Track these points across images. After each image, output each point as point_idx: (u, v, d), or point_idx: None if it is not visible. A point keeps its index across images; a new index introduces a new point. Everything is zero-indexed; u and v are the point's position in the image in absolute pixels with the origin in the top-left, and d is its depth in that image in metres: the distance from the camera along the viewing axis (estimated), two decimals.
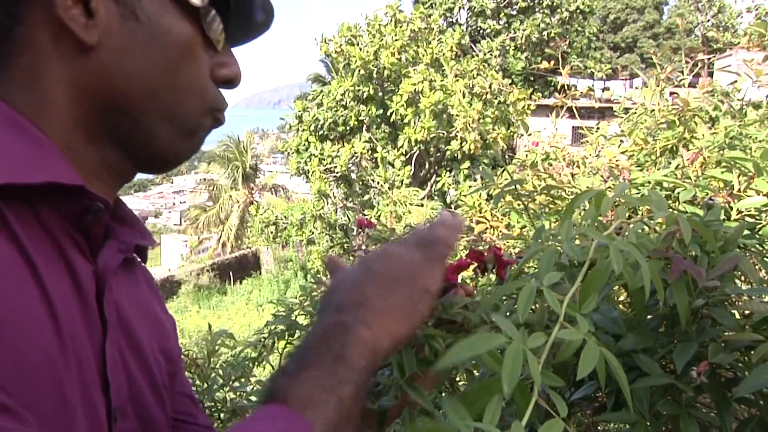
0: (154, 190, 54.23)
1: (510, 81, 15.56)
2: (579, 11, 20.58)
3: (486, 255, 0.66)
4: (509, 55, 20.50)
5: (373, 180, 13.98)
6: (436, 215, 0.59)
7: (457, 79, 11.87)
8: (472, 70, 13.20)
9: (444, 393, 1.02)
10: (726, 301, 0.70)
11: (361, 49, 13.87)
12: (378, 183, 13.45)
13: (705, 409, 0.71)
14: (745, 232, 0.79)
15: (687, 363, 0.63)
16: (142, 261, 0.61)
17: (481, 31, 21.12)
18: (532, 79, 21.16)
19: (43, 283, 0.42)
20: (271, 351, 1.50)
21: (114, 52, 0.48)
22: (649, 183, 1.25)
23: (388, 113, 13.74)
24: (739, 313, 0.72)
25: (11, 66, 0.47)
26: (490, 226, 1.91)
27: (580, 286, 0.53)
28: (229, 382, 1.47)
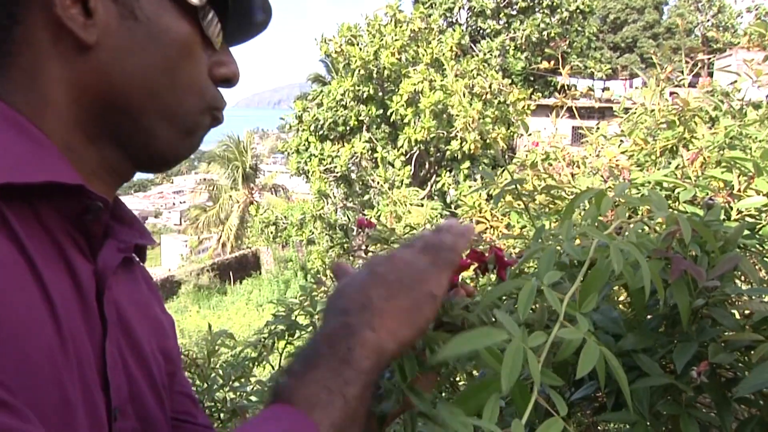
0: (154, 190, 54.21)
1: (510, 81, 15.56)
2: (579, 11, 20.58)
3: (486, 255, 0.66)
4: (509, 55, 20.50)
5: (373, 180, 13.98)
6: (444, 221, 0.59)
7: (457, 79, 11.86)
8: (472, 70, 13.20)
9: (444, 393, 1.02)
10: (726, 301, 0.70)
11: (361, 49, 13.87)
12: (378, 183, 13.45)
13: (705, 409, 0.71)
14: (745, 232, 0.79)
15: (687, 363, 0.63)
16: (140, 261, 0.61)
17: (481, 31, 21.11)
18: (532, 79, 21.16)
19: (43, 282, 0.42)
20: (271, 351, 1.50)
21: (113, 51, 0.48)
22: (649, 183, 1.25)
23: (388, 113, 13.73)
24: (739, 313, 0.72)
25: (11, 66, 0.48)
26: (490, 226, 1.91)
27: (580, 286, 0.53)
28: (229, 382, 1.47)
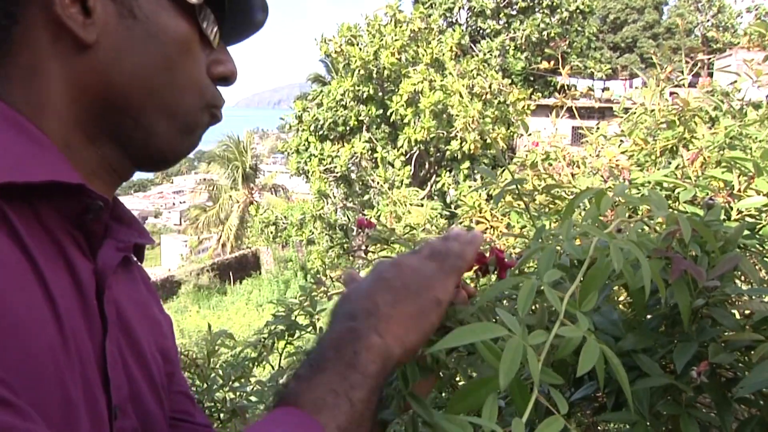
0: (154, 190, 54.21)
1: (510, 81, 15.56)
2: (579, 11, 20.57)
3: (487, 256, 0.66)
4: (509, 55, 20.49)
5: (373, 180, 13.97)
6: (452, 229, 0.60)
7: (458, 79, 11.86)
8: (472, 70, 13.19)
9: (444, 394, 1.02)
10: (726, 301, 0.70)
11: (361, 49, 13.86)
12: (378, 183, 13.44)
13: (705, 409, 0.71)
14: (745, 232, 0.79)
15: (687, 363, 0.63)
16: (139, 260, 0.61)
17: (481, 31, 21.11)
18: (532, 79, 21.15)
19: (44, 281, 0.42)
20: (271, 351, 1.50)
21: (112, 50, 0.48)
22: (649, 183, 1.25)
23: (388, 113, 13.73)
24: (739, 313, 0.72)
25: (10, 65, 0.47)
26: (490, 226, 1.91)
27: (579, 285, 0.53)
28: (228, 383, 1.47)
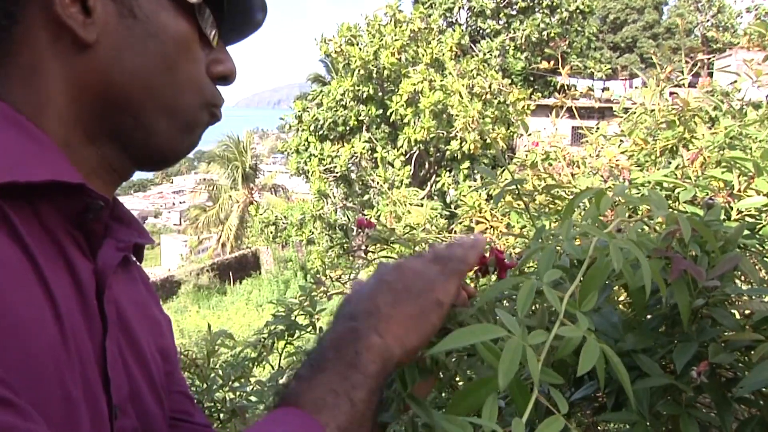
0: (154, 190, 54.21)
1: (510, 81, 15.56)
2: (579, 11, 20.54)
3: (487, 257, 0.65)
4: (509, 55, 20.47)
5: (372, 180, 13.96)
6: (456, 237, 0.60)
7: (457, 80, 11.86)
8: (472, 70, 13.18)
9: (444, 394, 1.02)
10: (726, 301, 0.70)
11: (361, 49, 13.85)
12: (378, 183, 13.43)
13: (705, 409, 0.71)
14: (745, 232, 0.79)
15: (687, 363, 0.63)
16: (138, 260, 0.61)
17: (480, 31, 21.09)
18: (532, 79, 21.14)
19: (45, 281, 0.42)
20: (271, 351, 1.50)
21: (112, 49, 0.49)
22: (649, 183, 1.25)
23: (388, 113, 13.72)
24: (739, 313, 0.72)
25: (10, 65, 0.47)
26: (490, 226, 1.91)
27: (579, 285, 0.53)
28: (228, 383, 1.47)
